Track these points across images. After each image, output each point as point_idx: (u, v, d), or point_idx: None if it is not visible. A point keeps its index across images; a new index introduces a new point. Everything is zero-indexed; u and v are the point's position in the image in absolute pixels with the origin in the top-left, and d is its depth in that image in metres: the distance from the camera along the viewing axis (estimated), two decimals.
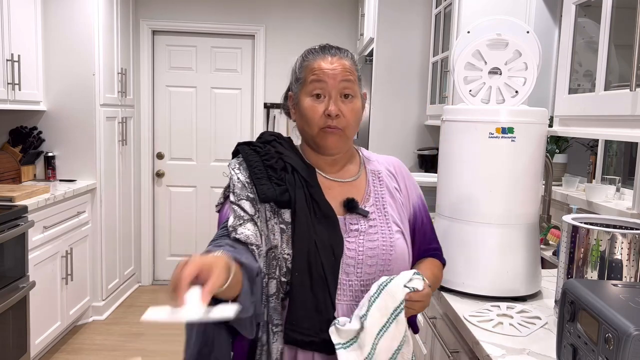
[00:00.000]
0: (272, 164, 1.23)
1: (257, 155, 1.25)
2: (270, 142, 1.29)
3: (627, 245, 1.29)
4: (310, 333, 1.15)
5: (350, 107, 1.24)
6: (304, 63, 1.28)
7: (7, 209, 2.83)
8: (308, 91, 1.25)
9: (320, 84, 1.23)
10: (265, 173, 1.22)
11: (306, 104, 1.24)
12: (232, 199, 1.20)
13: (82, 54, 3.80)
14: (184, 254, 4.95)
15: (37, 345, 3.14)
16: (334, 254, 1.19)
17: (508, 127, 1.58)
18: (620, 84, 1.45)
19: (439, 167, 1.78)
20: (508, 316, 1.51)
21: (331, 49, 1.29)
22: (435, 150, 3.50)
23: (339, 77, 1.23)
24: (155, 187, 4.91)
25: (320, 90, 1.24)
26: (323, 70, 1.24)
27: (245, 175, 1.23)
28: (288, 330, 1.15)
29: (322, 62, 1.25)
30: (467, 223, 1.65)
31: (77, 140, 3.87)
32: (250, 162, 1.24)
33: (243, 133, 4.89)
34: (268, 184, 1.21)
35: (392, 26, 3.68)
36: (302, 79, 1.27)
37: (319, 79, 1.24)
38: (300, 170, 1.25)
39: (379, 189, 1.32)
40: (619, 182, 2.29)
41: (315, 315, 1.16)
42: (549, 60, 2.73)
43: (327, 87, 1.23)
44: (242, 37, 4.82)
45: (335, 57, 1.26)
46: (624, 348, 0.89)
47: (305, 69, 1.27)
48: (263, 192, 1.20)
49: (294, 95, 1.30)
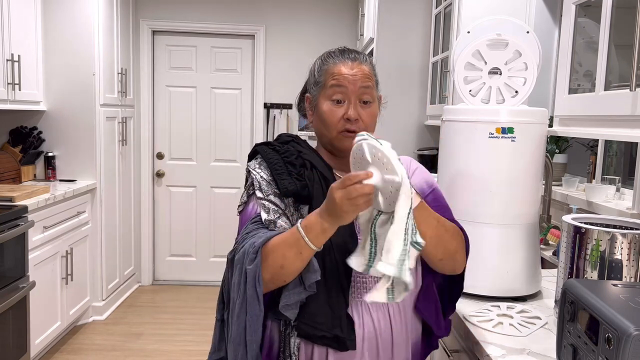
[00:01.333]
0: (292, 160, 1.26)
1: (276, 154, 1.28)
2: (289, 143, 1.31)
3: (627, 245, 1.29)
4: (322, 328, 1.17)
5: (368, 112, 1.28)
6: (324, 67, 1.29)
7: (7, 209, 2.83)
8: (328, 95, 1.27)
9: (340, 89, 1.26)
10: (285, 169, 1.25)
11: (325, 108, 1.27)
12: (260, 196, 1.24)
13: (82, 54, 3.80)
14: (184, 254, 4.96)
15: (37, 345, 3.14)
16: (349, 251, 1.19)
17: (508, 127, 1.58)
18: (620, 84, 1.45)
19: (438, 167, 1.78)
20: (508, 316, 1.51)
21: (351, 54, 1.30)
22: (435, 150, 3.50)
23: (358, 82, 1.26)
24: (155, 187, 4.91)
25: (340, 96, 1.26)
26: (343, 76, 1.26)
27: (267, 174, 1.26)
28: (301, 324, 1.18)
29: (342, 67, 1.27)
30: (467, 223, 1.65)
31: (77, 140, 3.87)
32: (270, 159, 1.27)
33: (243, 133, 4.89)
34: (289, 179, 1.23)
35: (392, 26, 3.68)
36: (322, 82, 1.29)
37: (339, 84, 1.26)
38: (319, 167, 1.27)
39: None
40: (619, 182, 2.29)
41: (329, 311, 1.17)
42: (549, 60, 2.73)
43: (347, 92, 1.26)
44: (242, 37, 4.83)
45: (355, 62, 1.28)
46: (624, 348, 0.89)
47: (325, 73, 1.28)
48: (285, 186, 1.22)
49: (312, 98, 1.32)
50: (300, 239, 1.10)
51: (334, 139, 1.28)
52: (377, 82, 1.33)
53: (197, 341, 3.71)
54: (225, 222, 4.86)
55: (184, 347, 3.61)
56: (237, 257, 1.17)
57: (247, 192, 1.29)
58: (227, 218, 4.86)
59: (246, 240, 1.18)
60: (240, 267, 1.15)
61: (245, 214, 1.27)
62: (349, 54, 1.30)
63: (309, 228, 1.10)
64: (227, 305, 1.22)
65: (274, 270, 1.12)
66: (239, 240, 1.21)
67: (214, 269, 4.94)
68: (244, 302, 1.14)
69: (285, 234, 1.14)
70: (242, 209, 1.29)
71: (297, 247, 1.11)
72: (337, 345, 1.18)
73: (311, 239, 1.10)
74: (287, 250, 1.11)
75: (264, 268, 1.12)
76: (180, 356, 3.50)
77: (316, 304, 1.17)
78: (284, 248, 1.12)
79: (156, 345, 3.63)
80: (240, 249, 1.17)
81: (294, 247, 1.11)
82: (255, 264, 1.12)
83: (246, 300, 1.13)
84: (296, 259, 1.11)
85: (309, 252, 1.12)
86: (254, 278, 1.12)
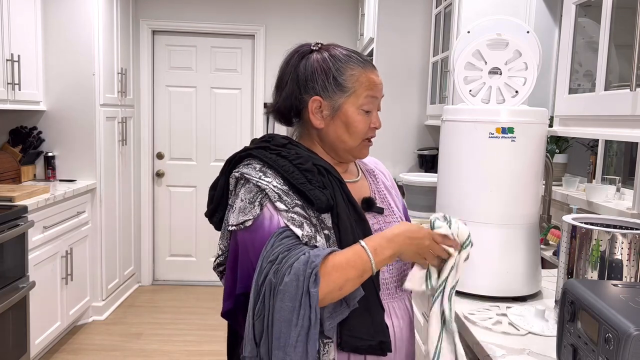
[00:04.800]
0: (308, 168, 1.15)
1: (285, 160, 1.16)
2: (286, 145, 1.21)
3: (627, 245, 1.29)
4: (367, 337, 1.13)
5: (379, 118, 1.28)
6: (351, 72, 1.21)
7: (7, 209, 2.83)
8: (359, 104, 1.21)
9: (374, 100, 1.24)
10: (305, 178, 1.14)
11: (358, 117, 1.22)
12: (283, 208, 1.11)
13: (82, 54, 3.80)
14: (184, 254, 4.96)
15: (37, 345, 3.14)
16: None
17: (508, 127, 1.58)
18: (620, 84, 1.45)
19: (439, 167, 1.77)
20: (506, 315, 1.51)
21: (370, 61, 1.27)
22: (435, 150, 3.50)
23: (382, 92, 1.26)
24: (155, 187, 4.91)
25: (372, 106, 1.24)
26: (377, 86, 1.24)
27: (278, 182, 1.14)
28: (345, 338, 1.11)
29: (373, 76, 1.24)
30: (467, 223, 1.65)
31: (77, 140, 3.87)
32: (282, 167, 1.15)
33: (243, 133, 4.89)
34: (316, 190, 1.13)
35: (392, 26, 3.68)
36: (352, 89, 1.21)
37: (374, 95, 1.23)
38: (332, 172, 1.21)
39: (379, 186, 1.36)
40: (619, 182, 2.29)
41: (369, 319, 1.14)
42: (549, 60, 2.73)
43: (376, 102, 1.25)
44: (242, 37, 4.82)
45: (375, 69, 1.26)
46: (624, 348, 0.89)
47: (355, 80, 1.21)
48: (317, 197, 1.12)
49: (330, 103, 1.21)
50: (368, 261, 1.06)
51: (355, 148, 1.25)
52: None
53: (197, 341, 3.71)
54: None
55: (184, 347, 3.61)
56: (288, 281, 1.01)
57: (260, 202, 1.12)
58: None
59: (290, 259, 1.03)
60: (295, 293, 1.01)
61: (262, 229, 1.11)
62: (369, 62, 1.26)
63: (377, 252, 1.07)
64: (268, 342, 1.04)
65: (329, 291, 1.03)
66: (269, 259, 1.05)
67: None
68: (307, 329, 1.01)
69: (347, 253, 1.07)
70: (253, 224, 1.12)
71: (362, 269, 1.06)
72: (381, 351, 1.15)
73: (376, 263, 1.07)
74: (351, 271, 1.05)
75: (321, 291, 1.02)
76: (180, 356, 3.49)
77: (356, 315, 1.11)
78: (348, 269, 1.05)
79: (156, 345, 3.63)
80: (286, 268, 1.03)
81: (359, 269, 1.06)
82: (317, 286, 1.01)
83: (309, 328, 1.01)
84: (357, 281, 1.06)
85: (369, 275, 1.08)
86: (316, 303, 1.01)
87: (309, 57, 1.25)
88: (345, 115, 1.21)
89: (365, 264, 1.06)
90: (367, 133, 1.24)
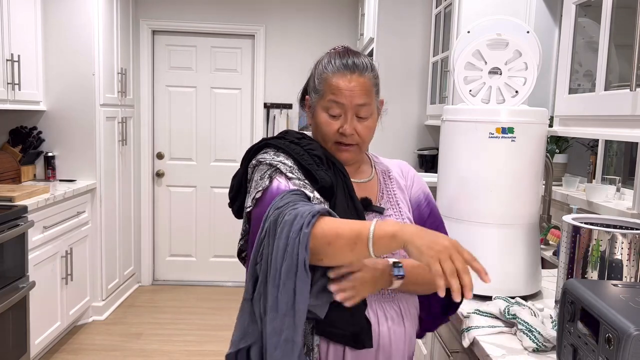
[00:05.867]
0: (319, 154, 1.24)
1: (297, 146, 1.25)
2: (300, 139, 1.29)
3: (627, 246, 1.29)
4: (340, 326, 1.15)
5: (364, 125, 1.27)
6: (324, 75, 1.27)
7: (7, 209, 2.83)
8: (325, 107, 1.27)
9: (337, 105, 1.25)
10: (313, 161, 1.22)
11: (322, 119, 1.27)
12: (293, 176, 1.19)
13: (82, 54, 3.80)
14: (184, 254, 4.96)
15: (37, 345, 3.14)
16: None
17: (508, 127, 1.58)
18: (620, 84, 1.45)
19: (439, 167, 1.77)
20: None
21: (350, 61, 1.26)
22: (435, 150, 3.50)
23: (356, 99, 1.24)
24: (155, 187, 4.91)
25: (337, 111, 1.25)
26: (341, 91, 1.24)
27: (290, 162, 1.22)
28: (322, 323, 1.14)
29: (340, 80, 1.24)
30: (467, 223, 1.65)
31: (77, 140, 3.87)
32: (294, 150, 1.23)
33: (243, 133, 4.89)
34: (322, 171, 1.20)
35: (392, 26, 3.68)
36: (321, 91, 1.27)
37: (336, 100, 1.24)
38: (337, 164, 1.26)
39: (390, 187, 1.37)
40: (619, 182, 2.29)
41: (348, 310, 1.14)
42: (549, 60, 2.73)
43: (344, 107, 1.25)
44: (242, 37, 4.82)
45: (354, 74, 1.24)
46: (624, 348, 0.89)
47: (325, 83, 1.26)
48: (322, 176, 1.20)
49: (310, 103, 1.31)
50: (366, 228, 1.03)
51: (329, 149, 1.29)
52: (377, 90, 1.31)
53: (197, 341, 3.71)
54: (225, 222, 4.86)
55: (184, 347, 3.61)
56: (287, 219, 1.06)
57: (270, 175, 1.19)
58: (227, 218, 4.85)
59: (296, 206, 1.08)
60: (289, 229, 1.05)
61: (270, 196, 1.17)
62: (349, 61, 1.25)
63: (380, 225, 1.04)
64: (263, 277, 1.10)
65: (318, 237, 1.04)
66: (277, 206, 1.10)
67: (214, 269, 4.95)
68: (294, 266, 1.04)
69: (353, 220, 1.09)
70: (262, 195, 1.18)
71: (358, 231, 1.04)
72: (354, 344, 1.17)
73: (375, 235, 1.03)
74: (345, 228, 1.05)
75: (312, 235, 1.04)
76: (180, 356, 3.49)
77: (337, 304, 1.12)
78: (343, 225, 1.05)
79: (156, 345, 3.63)
80: (289, 211, 1.07)
81: (354, 229, 1.04)
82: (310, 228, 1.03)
83: (296, 265, 1.04)
84: (346, 247, 1.04)
85: (363, 251, 1.04)
86: (306, 242, 1.03)
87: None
88: (317, 116, 1.29)
89: (363, 227, 1.04)
90: (337, 136, 1.26)
